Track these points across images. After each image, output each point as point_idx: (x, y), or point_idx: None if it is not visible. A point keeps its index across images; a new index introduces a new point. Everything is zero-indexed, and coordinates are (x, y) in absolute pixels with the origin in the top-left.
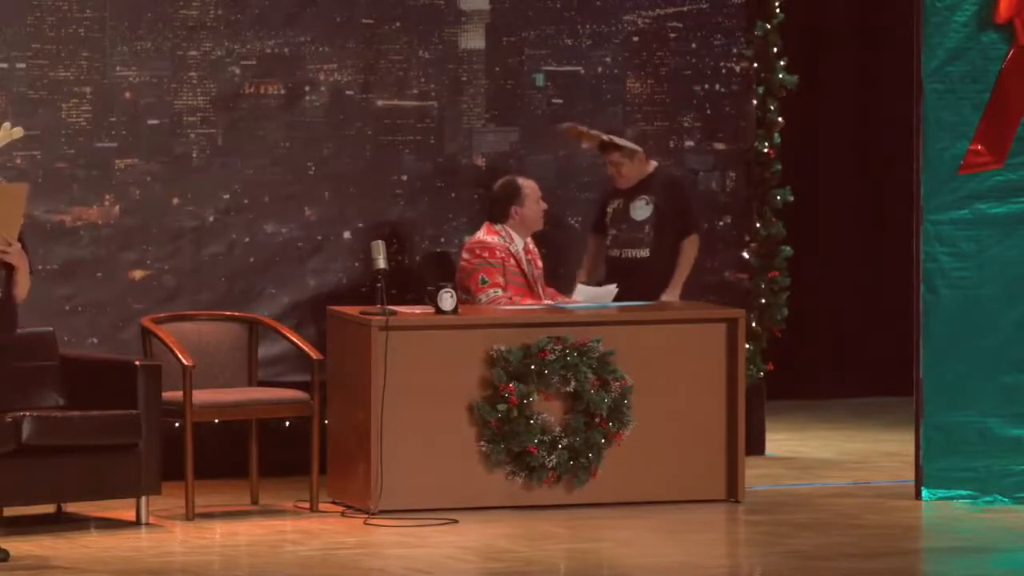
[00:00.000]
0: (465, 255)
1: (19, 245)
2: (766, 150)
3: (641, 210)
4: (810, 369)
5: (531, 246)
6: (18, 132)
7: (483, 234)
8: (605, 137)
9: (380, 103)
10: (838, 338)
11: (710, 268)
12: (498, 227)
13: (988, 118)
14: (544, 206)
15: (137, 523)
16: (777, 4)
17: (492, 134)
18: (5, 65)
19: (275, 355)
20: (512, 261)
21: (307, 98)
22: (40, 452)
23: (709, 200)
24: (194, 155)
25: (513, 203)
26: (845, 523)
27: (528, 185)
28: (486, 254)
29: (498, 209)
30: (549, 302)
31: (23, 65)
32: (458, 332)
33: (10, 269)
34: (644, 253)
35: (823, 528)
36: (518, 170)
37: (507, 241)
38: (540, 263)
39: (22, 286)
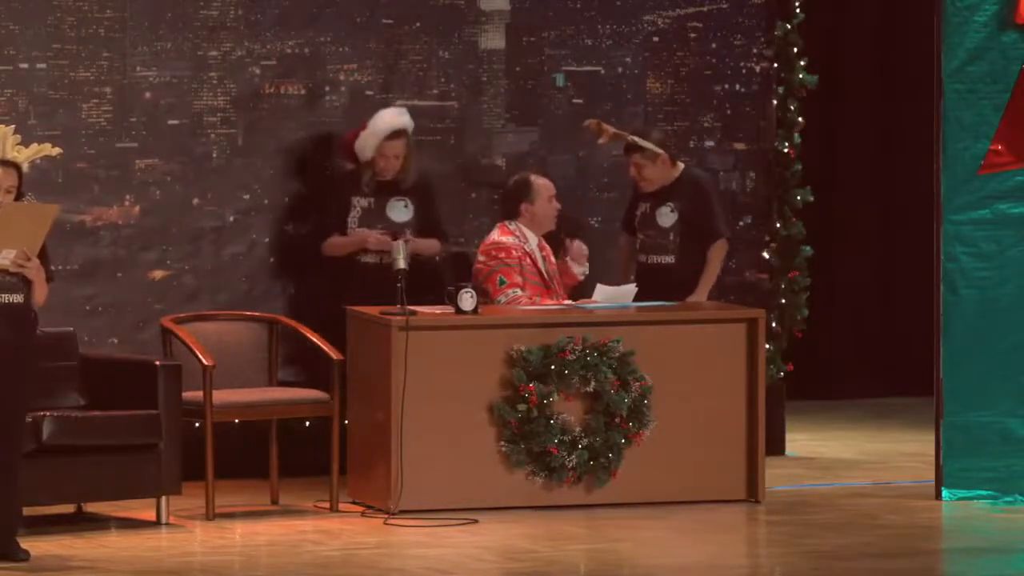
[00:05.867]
0: (481, 257)
1: (37, 261)
2: (786, 150)
3: (666, 217)
4: (830, 369)
5: (544, 243)
6: (54, 151)
7: (498, 235)
8: (628, 137)
9: (400, 103)
10: (858, 338)
11: (730, 268)
12: (512, 227)
13: (1008, 118)
14: (557, 206)
15: (157, 523)
16: (797, 4)
17: (512, 134)
18: (26, 65)
19: (295, 355)
20: (528, 260)
21: (327, 98)
22: (60, 452)
23: (729, 200)
24: (214, 155)
25: (523, 200)
26: (865, 523)
27: (541, 183)
28: (502, 255)
29: (508, 205)
30: (568, 301)
31: (44, 65)
32: (478, 332)
33: (28, 281)
34: (670, 260)
35: (843, 528)
36: (538, 170)
37: (522, 240)
38: (554, 260)
39: (39, 295)
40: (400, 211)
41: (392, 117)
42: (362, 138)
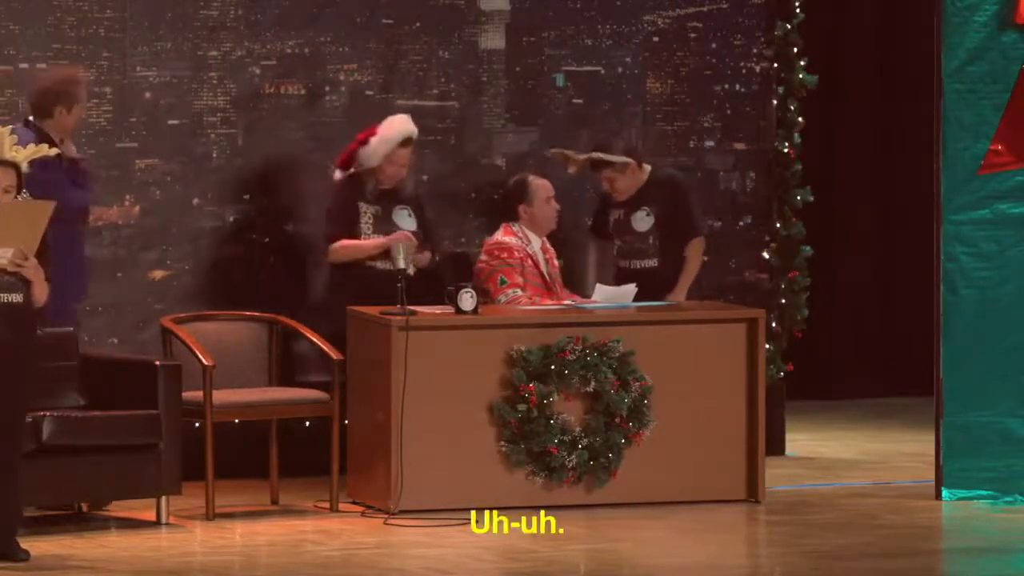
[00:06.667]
0: (483, 257)
1: (35, 260)
2: (786, 150)
3: (642, 221)
4: (830, 369)
5: (547, 245)
6: (52, 151)
7: (501, 235)
8: (594, 156)
9: (400, 103)
10: (858, 338)
11: (730, 268)
12: (515, 228)
13: (1008, 118)
14: (556, 207)
15: (157, 523)
16: (797, 4)
17: (512, 134)
18: (26, 65)
19: (295, 355)
20: (530, 262)
21: (327, 98)
22: (61, 452)
23: (729, 200)
24: (214, 155)
25: (521, 201)
26: (865, 523)
27: (539, 184)
28: (504, 255)
29: (506, 207)
30: (569, 302)
31: (44, 65)
32: (478, 332)
33: (28, 281)
34: (652, 263)
35: (843, 528)
36: (537, 170)
37: (524, 242)
38: (556, 262)
39: (39, 294)
40: (405, 219)
41: (402, 124)
42: (372, 145)
